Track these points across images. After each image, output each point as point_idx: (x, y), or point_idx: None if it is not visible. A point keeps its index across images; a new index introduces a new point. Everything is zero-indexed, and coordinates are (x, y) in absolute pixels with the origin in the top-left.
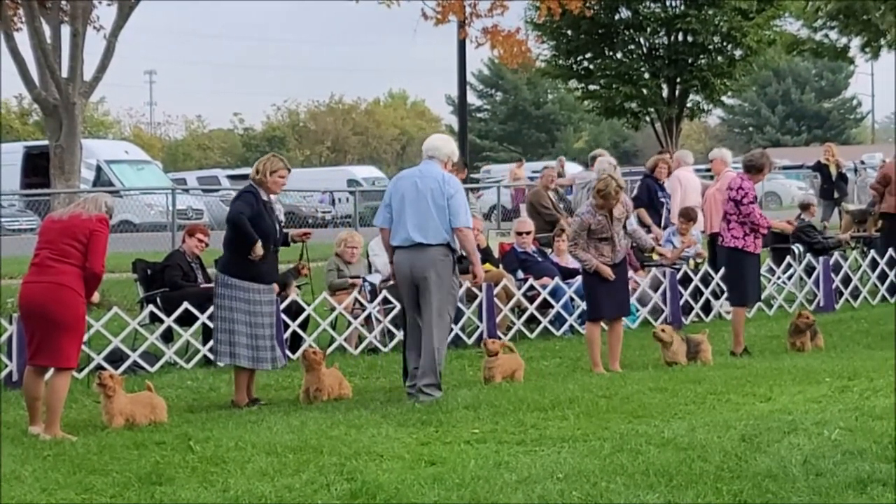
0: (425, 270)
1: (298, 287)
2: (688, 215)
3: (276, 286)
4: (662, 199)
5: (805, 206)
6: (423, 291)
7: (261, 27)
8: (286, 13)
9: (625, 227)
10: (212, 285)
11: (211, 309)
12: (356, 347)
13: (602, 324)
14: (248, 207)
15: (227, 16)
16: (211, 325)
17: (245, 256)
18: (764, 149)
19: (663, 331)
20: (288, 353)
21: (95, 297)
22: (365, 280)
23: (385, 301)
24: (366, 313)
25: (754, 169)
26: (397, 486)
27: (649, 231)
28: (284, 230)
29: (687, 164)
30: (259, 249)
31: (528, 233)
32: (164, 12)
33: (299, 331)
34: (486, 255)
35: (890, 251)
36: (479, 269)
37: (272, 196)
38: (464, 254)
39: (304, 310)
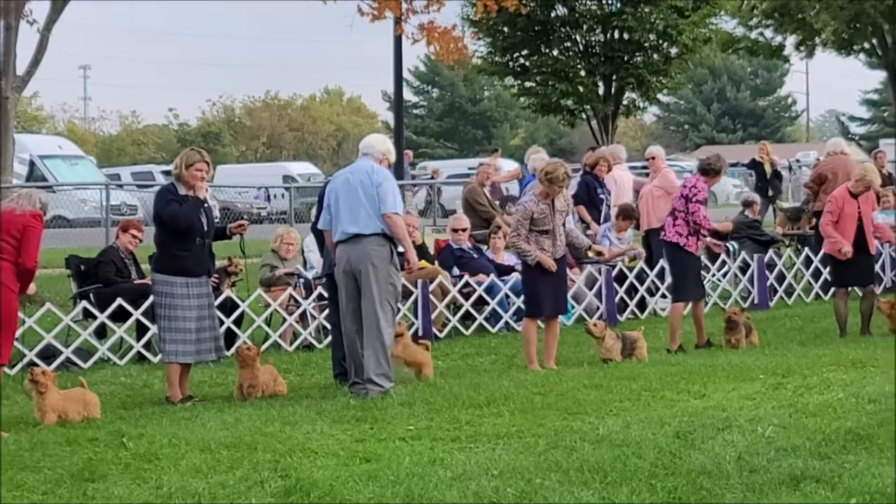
0: (361, 262)
1: (233, 284)
2: (628, 214)
3: (211, 279)
4: (602, 196)
5: (748, 204)
6: (362, 284)
7: (197, 23)
8: (222, 9)
9: (563, 223)
10: (146, 281)
11: (145, 305)
12: (291, 344)
13: (538, 321)
14: (171, 204)
15: (163, 11)
16: (145, 321)
17: (175, 252)
18: (699, 146)
19: (595, 325)
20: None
21: (32, 287)
22: (299, 277)
23: (320, 297)
24: (300, 310)
25: (711, 171)
26: (332, 483)
27: (588, 228)
28: (220, 225)
29: (620, 161)
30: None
31: (463, 230)
32: (99, 7)
33: (234, 327)
34: (422, 251)
35: (824, 248)
36: (412, 254)
37: (206, 192)
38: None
39: (238, 306)
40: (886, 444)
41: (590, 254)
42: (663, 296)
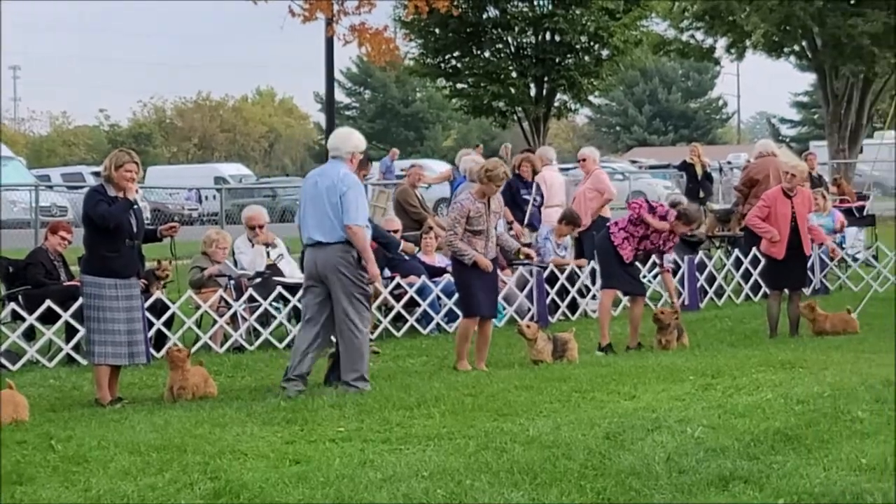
0: (327, 269)
1: (164, 285)
2: (572, 220)
3: (140, 280)
4: (526, 197)
5: (674, 205)
6: (331, 290)
7: (128, 23)
8: (153, 10)
9: (496, 225)
10: (75, 283)
11: (74, 307)
12: (221, 346)
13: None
14: (100, 205)
15: (94, 11)
16: (74, 322)
17: (104, 253)
18: (631, 148)
19: (528, 327)
20: (153, 351)
21: None
22: (230, 278)
23: (251, 299)
24: (231, 311)
25: (685, 218)
26: (261, 485)
27: (511, 228)
28: (152, 226)
29: (549, 162)
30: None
31: (395, 231)
32: (28, 7)
33: (164, 329)
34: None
35: (753, 250)
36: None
37: (137, 193)
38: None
39: (168, 308)
40: (814, 445)
41: (520, 256)
42: (594, 297)
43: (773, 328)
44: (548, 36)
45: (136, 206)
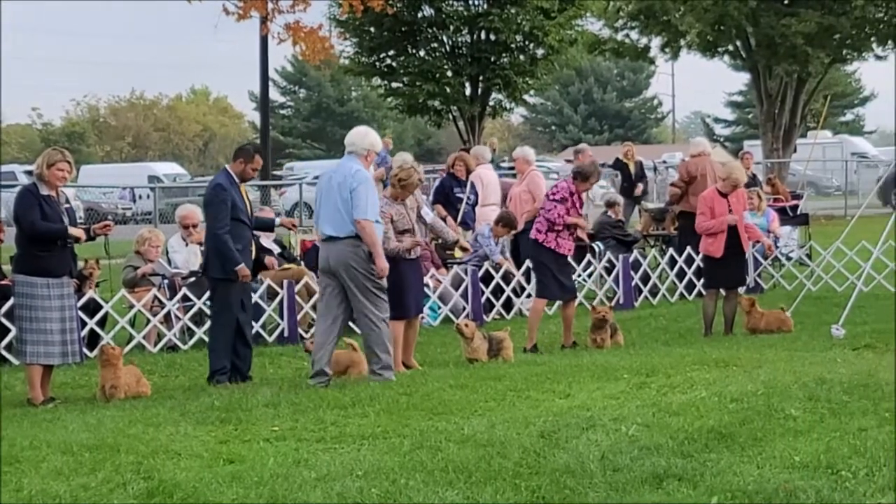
0: (339, 264)
1: (97, 284)
2: (508, 223)
3: (73, 280)
4: (459, 195)
5: (610, 205)
6: (345, 285)
7: (61, 21)
8: (86, 8)
9: (422, 218)
10: (6, 282)
11: (6, 306)
12: (155, 345)
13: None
14: (32, 210)
15: (26, 10)
16: (5, 322)
17: (36, 252)
18: (566, 147)
19: (466, 325)
20: (86, 350)
21: None
22: (164, 277)
23: (185, 298)
24: (165, 310)
25: (581, 177)
26: (195, 485)
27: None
28: (85, 226)
29: (484, 161)
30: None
31: None
32: None
33: (97, 328)
34: (288, 252)
35: (688, 249)
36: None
37: (69, 193)
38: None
39: (101, 307)
40: (748, 443)
41: (457, 251)
42: (529, 296)
43: (707, 327)
44: (483, 35)
45: (68, 206)
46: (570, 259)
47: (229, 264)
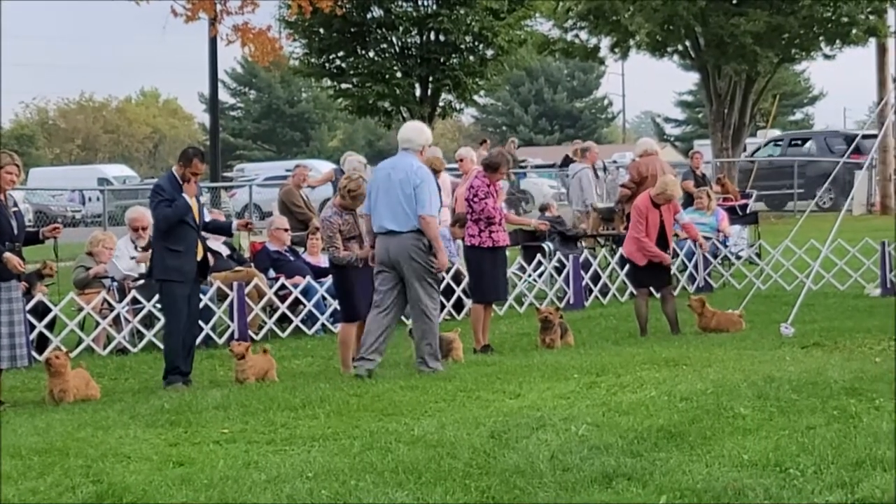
0: (400, 256)
1: (46, 286)
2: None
3: (21, 283)
4: None
5: (544, 208)
6: (405, 277)
7: (7, 23)
8: (34, 9)
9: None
10: None
11: None
12: (104, 348)
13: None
14: None
15: None
16: None
17: None
18: (514, 148)
19: None
20: (35, 353)
21: None
22: (113, 279)
23: (134, 301)
24: (114, 313)
25: (490, 168)
26: (144, 488)
27: None
28: (34, 228)
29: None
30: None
31: (284, 230)
32: None
33: (46, 331)
34: (238, 254)
35: (622, 250)
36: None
37: (17, 197)
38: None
39: (50, 310)
40: (697, 442)
41: None
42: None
43: (643, 327)
44: (432, 36)
45: (16, 209)
46: (507, 253)
47: (176, 211)
